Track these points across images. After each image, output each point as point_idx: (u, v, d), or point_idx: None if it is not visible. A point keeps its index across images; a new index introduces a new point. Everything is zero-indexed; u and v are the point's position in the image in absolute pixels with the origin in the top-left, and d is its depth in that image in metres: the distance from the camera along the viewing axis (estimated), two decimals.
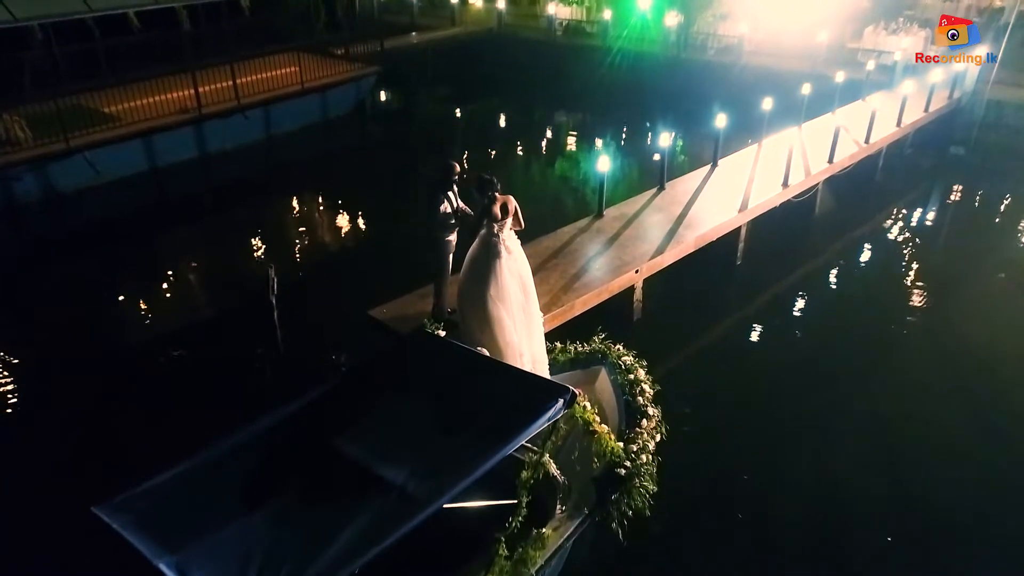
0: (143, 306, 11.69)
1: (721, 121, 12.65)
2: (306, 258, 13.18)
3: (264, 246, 13.32)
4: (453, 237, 8.08)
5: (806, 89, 14.48)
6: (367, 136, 19.50)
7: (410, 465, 5.00)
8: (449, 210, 8.00)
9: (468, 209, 8.06)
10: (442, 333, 7.17)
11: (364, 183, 16.43)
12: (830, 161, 13.10)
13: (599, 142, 19.25)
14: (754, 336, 10.57)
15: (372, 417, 5.61)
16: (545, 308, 8.54)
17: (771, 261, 12.19)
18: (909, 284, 11.95)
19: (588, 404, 6.22)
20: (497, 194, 7.59)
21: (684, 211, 11.23)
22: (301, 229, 14.37)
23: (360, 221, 14.91)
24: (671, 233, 10.50)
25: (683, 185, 12.29)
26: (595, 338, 7.85)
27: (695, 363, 9.86)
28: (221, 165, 16.39)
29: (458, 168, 7.98)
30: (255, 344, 9.34)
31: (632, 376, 7.39)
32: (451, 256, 8.16)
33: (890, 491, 7.88)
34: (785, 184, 12.08)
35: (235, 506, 4.88)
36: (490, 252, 7.50)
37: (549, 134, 20.77)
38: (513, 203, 7.57)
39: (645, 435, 6.85)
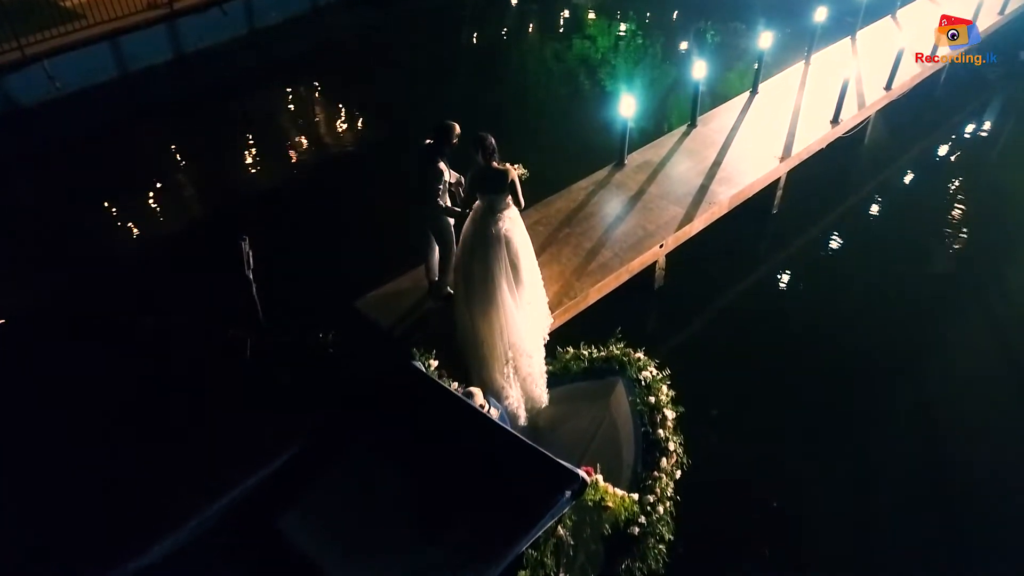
0: (103, 249, 10.42)
1: (765, 41, 10.87)
2: (285, 200, 11.49)
3: (241, 179, 12.04)
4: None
5: None
6: (362, 25, 17.42)
7: None
8: (450, 180, 6.86)
9: (460, 177, 6.87)
10: (434, 363, 6.17)
11: (358, 87, 14.77)
12: (888, 88, 11.39)
13: (622, 29, 17.10)
14: (790, 302, 9.53)
15: (340, 504, 4.77)
16: (556, 302, 7.48)
17: (812, 207, 10.82)
18: (963, 223, 10.80)
19: (600, 477, 5.34)
20: (495, 163, 6.35)
21: (718, 158, 9.80)
22: (281, 154, 12.81)
23: (352, 144, 13.34)
24: (702, 190, 9.17)
25: (717, 121, 10.72)
26: (612, 346, 6.84)
27: (722, 337, 8.83)
28: (200, 67, 14.68)
29: (458, 130, 6.65)
30: (232, 321, 8.37)
31: (653, 399, 6.46)
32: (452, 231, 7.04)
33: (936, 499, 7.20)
34: (835, 121, 10.50)
35: None
36: (484, 239, 6.36)
37: (566, 15, 18.50)
38: (513, 175, 6.32)
39: (664, 478, 6.05)
